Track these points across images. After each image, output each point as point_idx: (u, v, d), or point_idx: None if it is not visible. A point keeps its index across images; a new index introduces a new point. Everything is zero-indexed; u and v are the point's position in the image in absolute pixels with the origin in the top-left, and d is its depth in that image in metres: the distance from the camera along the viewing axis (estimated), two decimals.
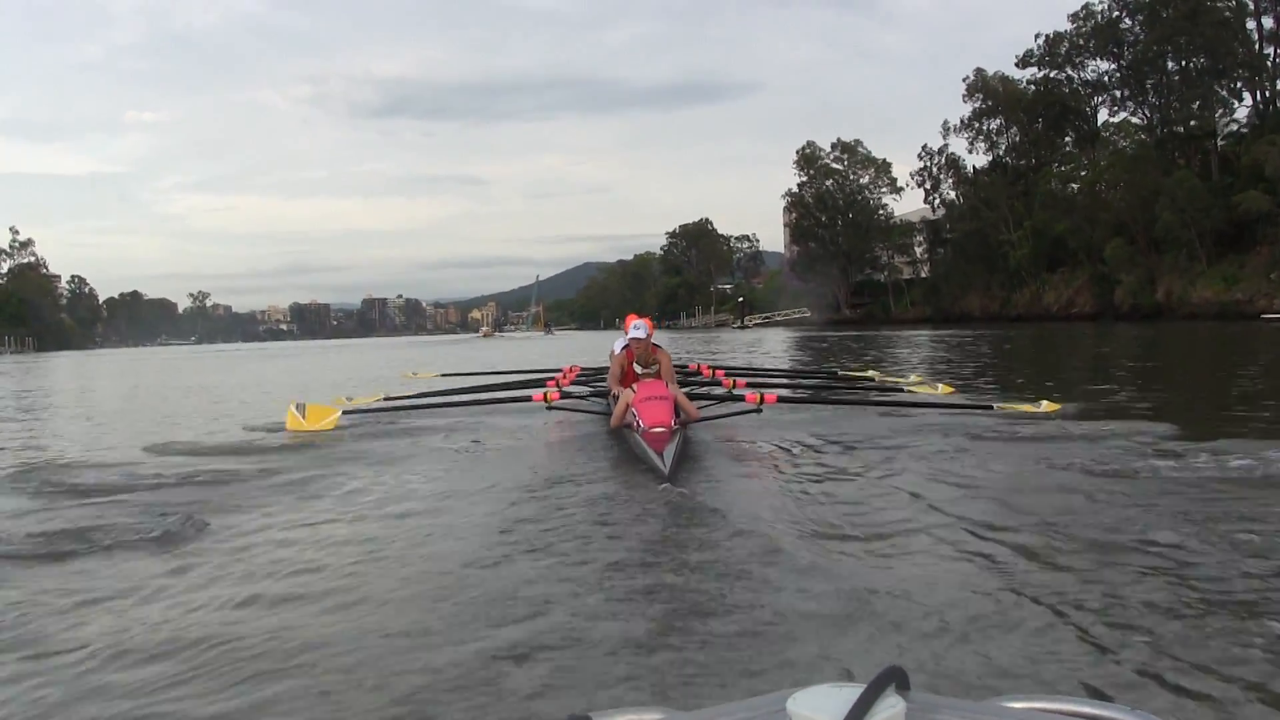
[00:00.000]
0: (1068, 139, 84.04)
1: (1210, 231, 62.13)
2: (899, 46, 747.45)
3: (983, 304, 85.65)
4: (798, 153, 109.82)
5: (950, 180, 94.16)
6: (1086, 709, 1.17)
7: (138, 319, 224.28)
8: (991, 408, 10.72)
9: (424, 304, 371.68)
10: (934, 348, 34.02)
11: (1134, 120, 77.20)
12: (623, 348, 10.38)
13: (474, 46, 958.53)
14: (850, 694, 1.05)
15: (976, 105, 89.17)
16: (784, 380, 14.98)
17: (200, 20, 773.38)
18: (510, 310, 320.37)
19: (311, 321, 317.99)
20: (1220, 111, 69.60)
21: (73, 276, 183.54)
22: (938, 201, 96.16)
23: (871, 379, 14.79)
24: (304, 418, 11.31)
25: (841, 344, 40.47)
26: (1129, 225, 67.56)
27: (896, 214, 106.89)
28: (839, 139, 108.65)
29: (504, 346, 67.34)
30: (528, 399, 11.29)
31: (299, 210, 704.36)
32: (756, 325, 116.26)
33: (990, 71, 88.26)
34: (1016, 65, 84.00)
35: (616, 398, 9.64)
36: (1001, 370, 22.62)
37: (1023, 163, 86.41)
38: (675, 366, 11.79)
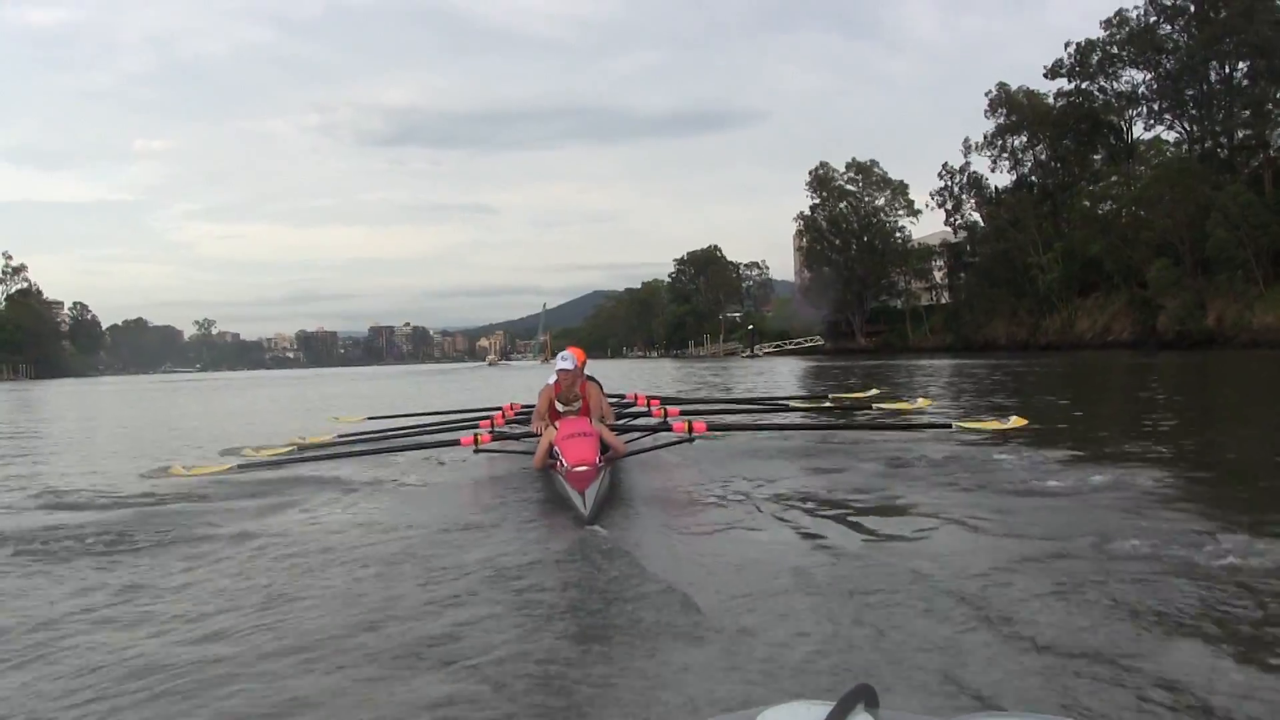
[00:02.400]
0: (1098, 155, 78.56)
1: (1268, 251, 56.16)
2: (906, 73, 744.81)
3: (1009, 331, 79.45)
4: (810, 173, 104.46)
5: (972, 200, 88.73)
6: None
7: (142, 346, 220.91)
8: (950, 425, 9.97)
9: (431, 332, 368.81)
10: (958, 379, 28.37)
11: (1169, 136, 72.25)
12: (553, 382, 9.94)
13: (482, 75, 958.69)
14: (820, 711, 1.04)
15: (1000, 121, 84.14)
16: (726, 408, 14.04)
17: (209, 49, 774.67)
18: (518, 338, 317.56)
19: (318, 349, 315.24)
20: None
21: (74, 303, 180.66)
22: (959, 223, 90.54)
23: (828, 404, 14.02)
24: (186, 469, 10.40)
25: (854, 375, 35.30)
26: (1174, 245, 61.71)
27: (914, 238, 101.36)
28: (854, 159, 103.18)
29: (491, 376, 63.14)
30: (455, 443, 9.89)
31: (307, 238, 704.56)
32: (767, 354, 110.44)
33: (1014, 86, 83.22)
34: (1045, 76, 79.17)
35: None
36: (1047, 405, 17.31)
37: (1050, 181, 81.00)
38: (611, 396, 11.99)
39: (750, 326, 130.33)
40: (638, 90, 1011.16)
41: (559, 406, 9.40)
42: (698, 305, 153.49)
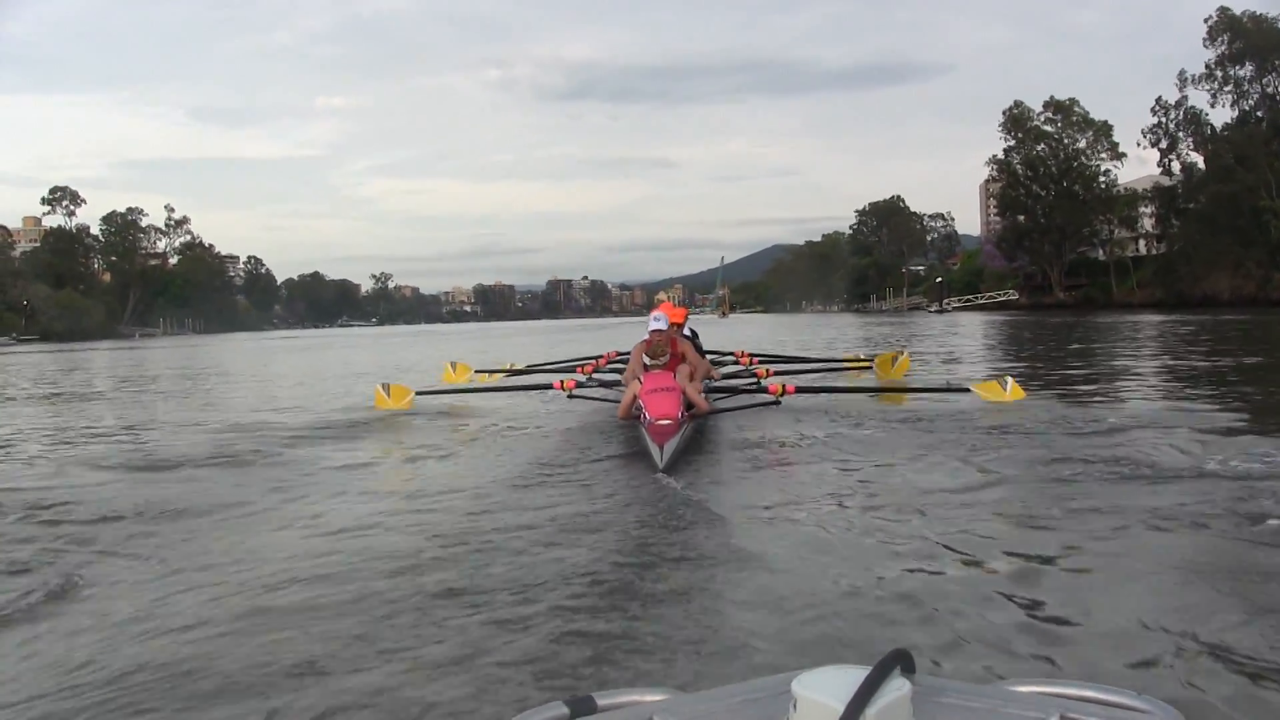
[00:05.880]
0: None
1: None
2: (1096, 23, 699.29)
3: (1233, 284, 70.61)
4: (1004, 113, 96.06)
5: (1190, 139, 79.87)
6: (1092, 693, 1.17)
7: (317, 300, 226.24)
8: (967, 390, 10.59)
9: (609, 286, 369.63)
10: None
11: None
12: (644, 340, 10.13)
13: (661, 29, 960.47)
14: (856, 675, 1.05)
15: (1221, 50, 75.37)
16: (820, 368, 14.34)
17: (388, 6, 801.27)
18: (696, 293, 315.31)
19: (495, 303, 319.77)
20: None
21: (249, 257, 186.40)
22: (1175, 165, 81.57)
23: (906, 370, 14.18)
24: (389, 397, 12.02)
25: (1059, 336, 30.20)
26: None
27: (1120, 183, 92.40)
28: (1051, 97, 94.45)
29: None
30: (549, 386, 11.23)
31: (486, 193, 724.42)
32: (956, 309, 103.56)
33: (1238, 10, 74.53)
34: None
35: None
36: None
37: None
38: (714, 354, 13.62)
39: (939, 279, 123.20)
40: (817, 44, 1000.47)
41: (646, 361, 9.51)
42: (880, 258, 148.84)
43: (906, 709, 1.04)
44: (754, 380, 11.47)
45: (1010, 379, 10.81)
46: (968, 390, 10.76)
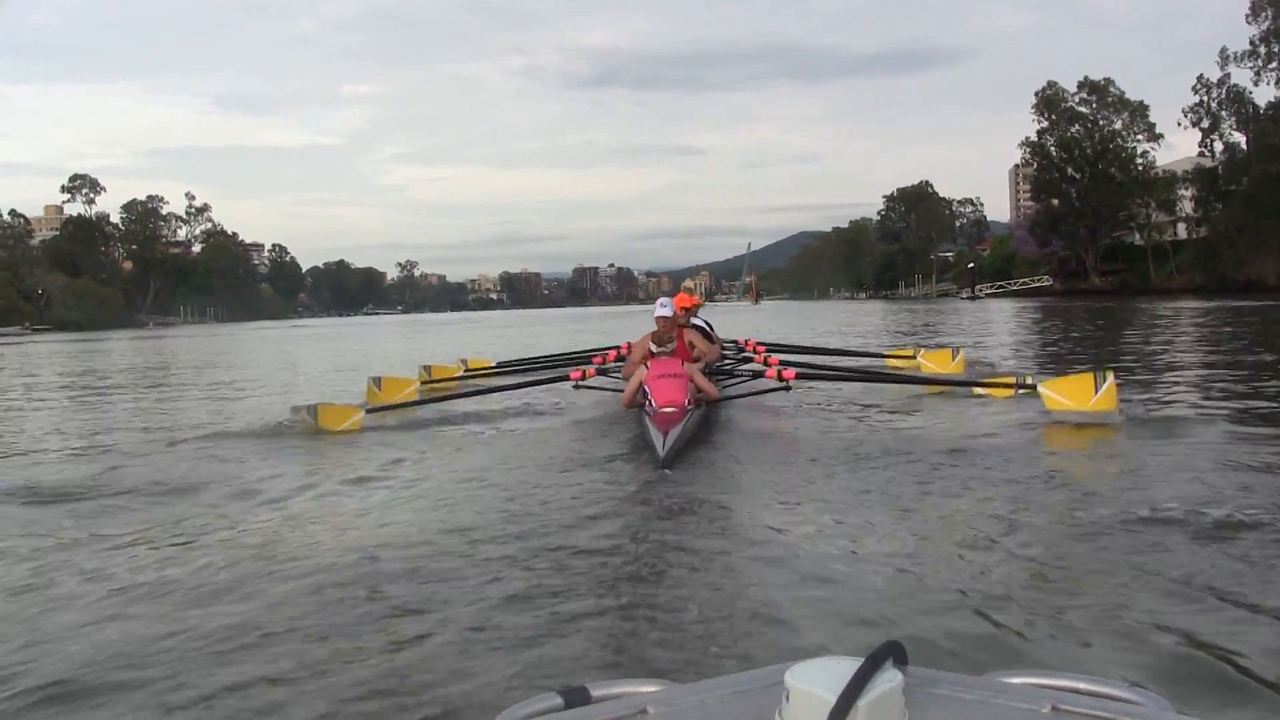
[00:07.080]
0: None
1: None
2: (1119, 9, 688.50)
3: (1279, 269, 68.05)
4: (1037, 94, 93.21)
5: (1232, 119, 77.01)
6: (1084, 684, 1.17)
7: (342, 288, 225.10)
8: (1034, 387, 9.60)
9: (636, 273, 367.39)
10: None
11: None
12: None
13: (685, 16, 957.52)
14: (849, 667, 1.05)
15: (1265, 26, 72.70)
16: (830, 359, 14.72)
17: None
18: (723, 280, 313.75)
19: (521, 291, 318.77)
20: None
21: (273, 245, 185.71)
22: (1217, 145, 78.72)
23: (912, 356, 14.31)
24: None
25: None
26: None
27: (1157, 165, 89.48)
28: (1086, 77, 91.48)
29: None
30: (564, 379, 11.06)
31: (511, 180, 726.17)
32: (989, 295, 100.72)
33: None
34: None
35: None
36: None
37: None
38: (724, 342, 13.42)
39: (970, 265, 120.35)
40: (841, 30, 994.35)
41: (653, 348, 9.42)
42: (908, 244, 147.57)
43: (899, 700, 1.04)
44: (758, 366, 11.38)
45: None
46: (977, 385, 10.84)
